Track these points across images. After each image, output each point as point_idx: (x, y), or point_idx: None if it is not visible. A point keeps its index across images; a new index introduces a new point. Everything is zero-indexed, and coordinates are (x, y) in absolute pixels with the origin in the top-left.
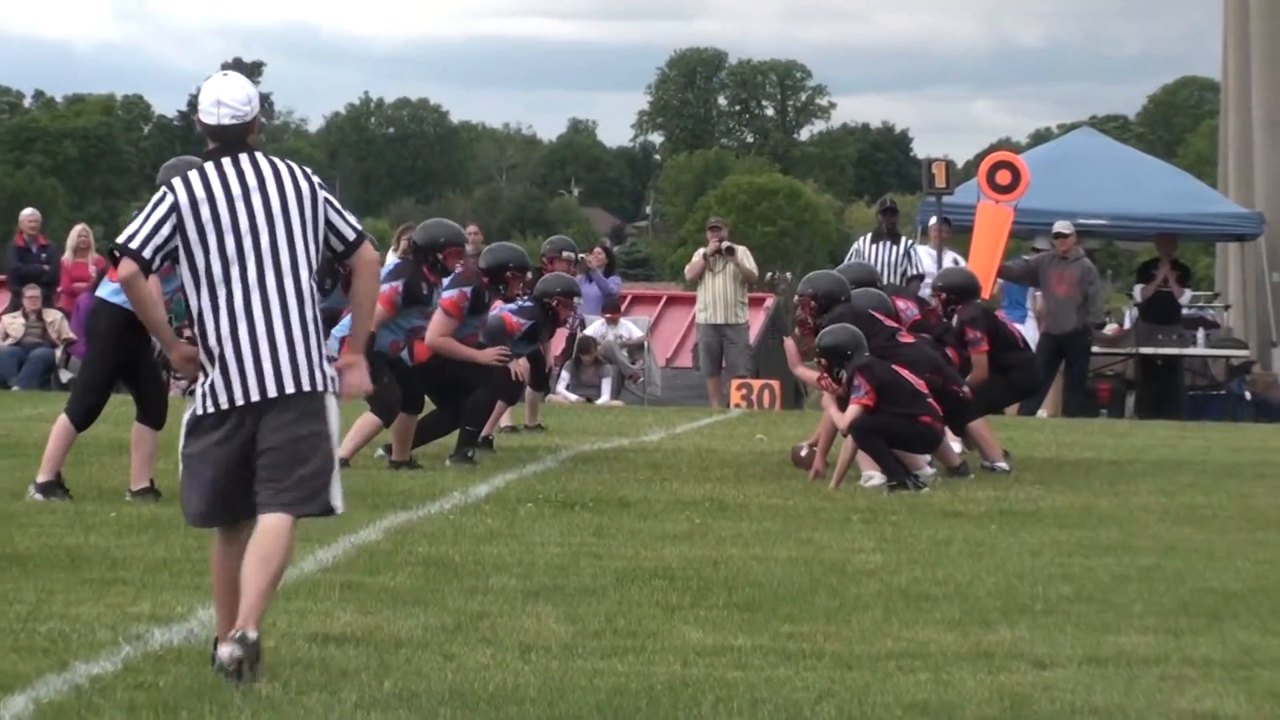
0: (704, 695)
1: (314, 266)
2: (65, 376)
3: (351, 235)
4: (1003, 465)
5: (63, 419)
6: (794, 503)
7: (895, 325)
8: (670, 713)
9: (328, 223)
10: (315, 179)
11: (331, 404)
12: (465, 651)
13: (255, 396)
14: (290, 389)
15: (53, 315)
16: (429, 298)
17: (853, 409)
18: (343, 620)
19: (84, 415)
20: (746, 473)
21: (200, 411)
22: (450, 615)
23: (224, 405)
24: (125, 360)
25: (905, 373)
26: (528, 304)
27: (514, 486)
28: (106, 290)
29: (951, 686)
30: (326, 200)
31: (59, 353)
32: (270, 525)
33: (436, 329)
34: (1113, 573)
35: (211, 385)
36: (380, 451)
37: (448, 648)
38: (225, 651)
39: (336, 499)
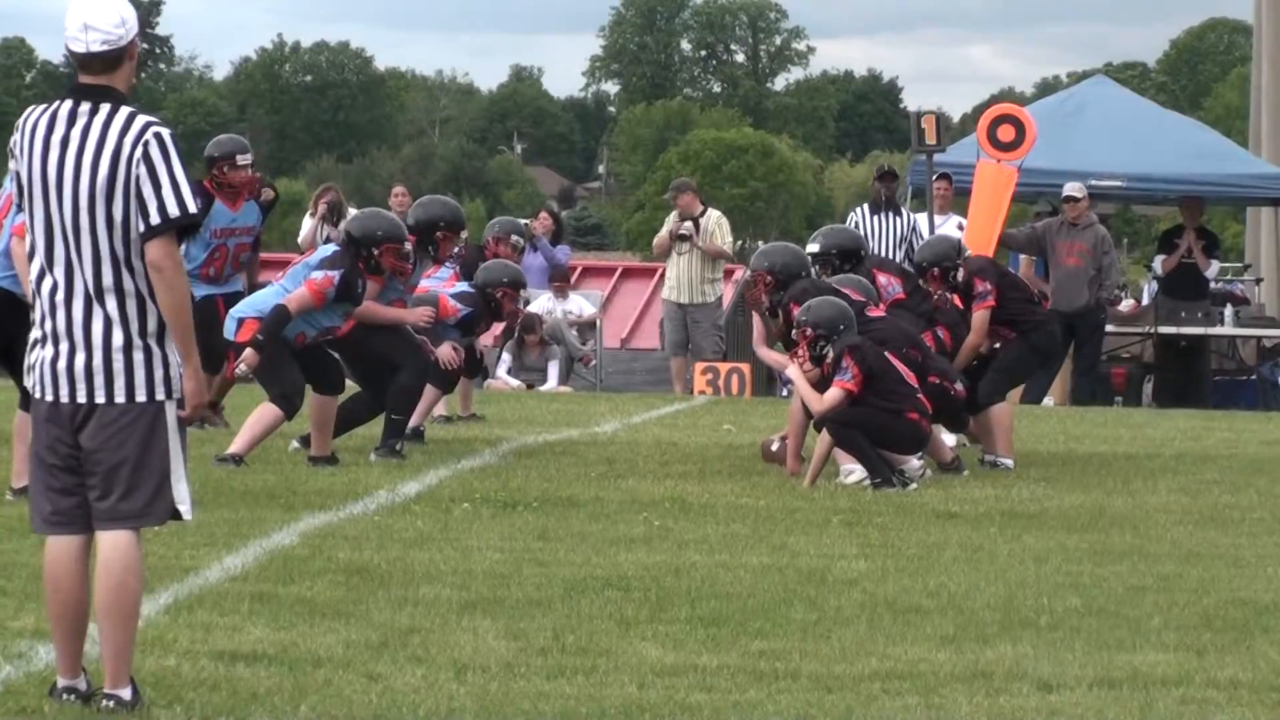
0: None
1: (120, 238)
2: None
3: (142, 226)
4: (1007, 461)
5: None
6: (766, 503)
7: (863, 300)
8: None
9: (137, 194)
10: (146, 138)
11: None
12: (392, 671)
13: (57, 393)
14: (80, 396)
15: None
16: (362, 296)
17: (834, 392)
18: (253, 636)
19: None
20: (712, 468)
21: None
22: (375, 630)
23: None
24: (3, 344)
25: (898, 363)
26: (468, 290)
27: (448, 484)
28: None
29: (944, 711)
30: (144, 170)
31: None
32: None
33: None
34: (1127, 583)
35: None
36: (295, 444)
37: (372, 667)
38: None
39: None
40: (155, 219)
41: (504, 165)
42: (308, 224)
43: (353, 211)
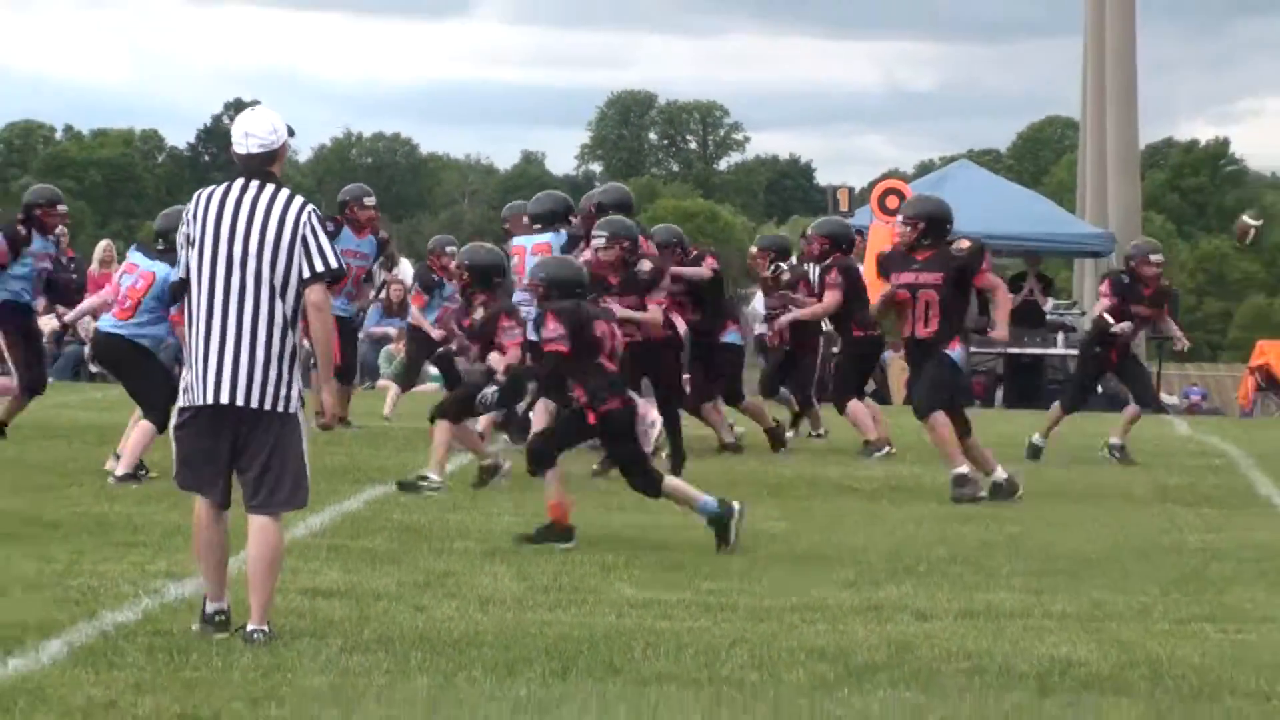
0: (635, 641)
1: (283, 287)
2: (94, 369)
3: (307, 273)
4: (886, 450)
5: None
6: (714, 479)
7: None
8: (607, 657)
9: (302, 250)
10: (303, 210)
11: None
12: (433, 604)
13: (220, 397)
14: (244, 400)
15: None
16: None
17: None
18: (329, 577)
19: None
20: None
21: (182, 403)
22: (420, 573)
23: (197, 400)
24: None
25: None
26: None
27: (474, 465)
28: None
29: (846, 635)
30: (306, 235)
31: (87, 350)
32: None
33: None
34: (983, 539)
35: (190, 388)
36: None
37: (418, 601)
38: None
39: None
40: (319, 268)
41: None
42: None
43: (403, 260)
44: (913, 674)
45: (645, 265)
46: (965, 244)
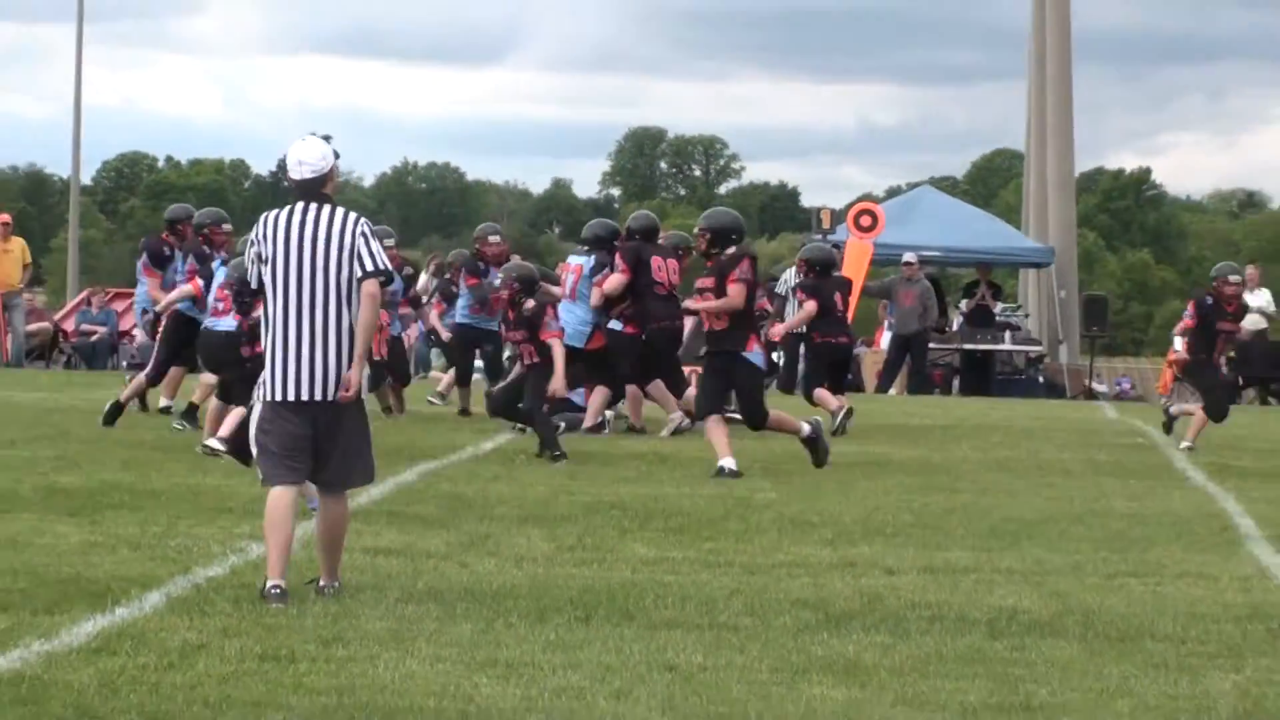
0: (647, 593)
1: (350, 292)
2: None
3: (360, 272)
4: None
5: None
6: (712, 455)
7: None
8: (623, 605)
9: (356, 254)
10: (358, 225)
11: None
12: (476, 561)
13: (305, 393)
14: (323, 394)
15: None
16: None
17: None
18: (387, 538)
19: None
20: (679, 434)
21: (268, 398)
22: (465, 535)
23: (282, 396)
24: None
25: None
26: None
27: (512, 444)
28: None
29: (825, 587)
30: (355, 244)
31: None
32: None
33: None
34: (942, 506)
35: (274, 383)
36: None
37: (463, 558)
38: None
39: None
40: (369, 268)
41: (547, 243)
42: (423, 278)
43: (422, 275)
44: (882, 620)
45: (529, 304)
46: (730, 250)
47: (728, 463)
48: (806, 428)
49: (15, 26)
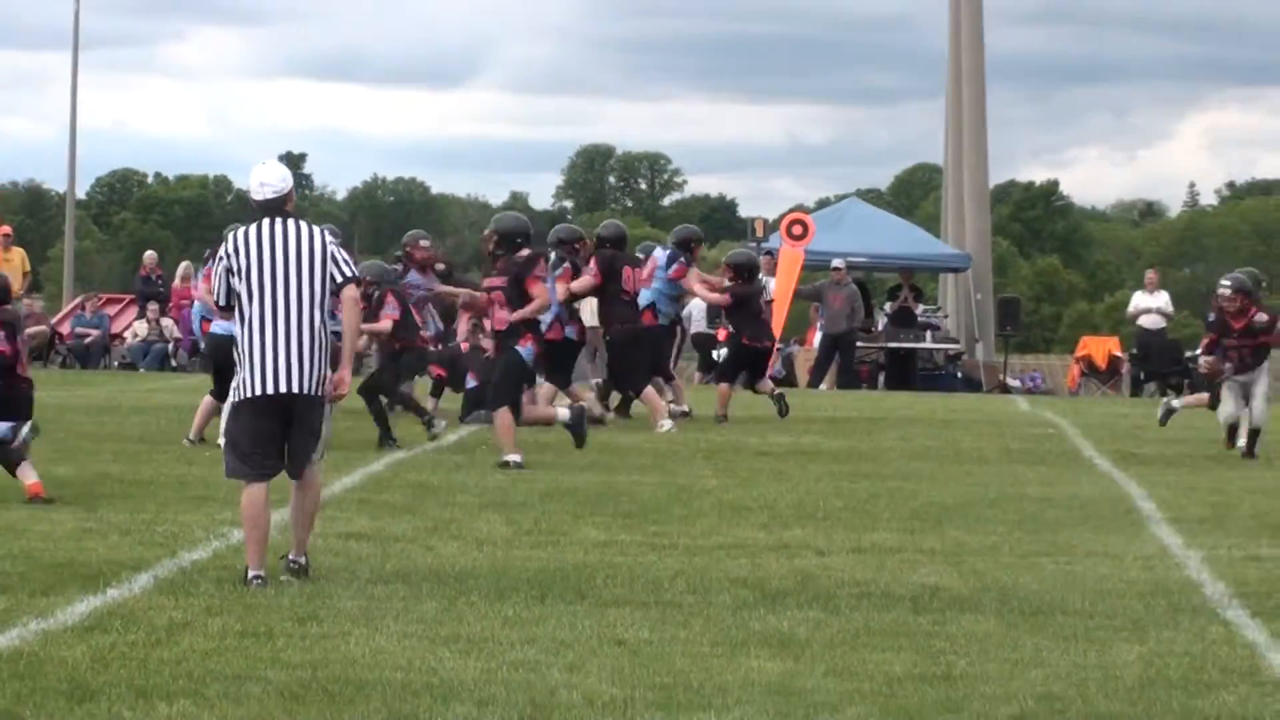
0: (598, 573)
1: (319, 296)
2: (174, 363)
3: (339, 278)
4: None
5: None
6: (658, 445)
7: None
8: (576, 585)
9: (332, 266)
10: (323, 235)
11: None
12: (440, 544)
13: (278, 388)
14: (296, 388)
15: (167, 322)
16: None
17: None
18: (358, 524)
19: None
20: (627, 426)
21: (237, 398)
22: (430, 520)
23: (255, 392)
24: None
25: None
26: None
27: (474, 436)
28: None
29: (762, 567)
30: (327, 252)
31: (170, 346)
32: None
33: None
34: (869, 492)
35: (247, 381)
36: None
37: (428, 542)
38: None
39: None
40: (347, 274)
41: None
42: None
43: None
44: (814, 597)
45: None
46: (525, 251)
47: (513, 457)
48: (564, 413)
49: (16, 54)
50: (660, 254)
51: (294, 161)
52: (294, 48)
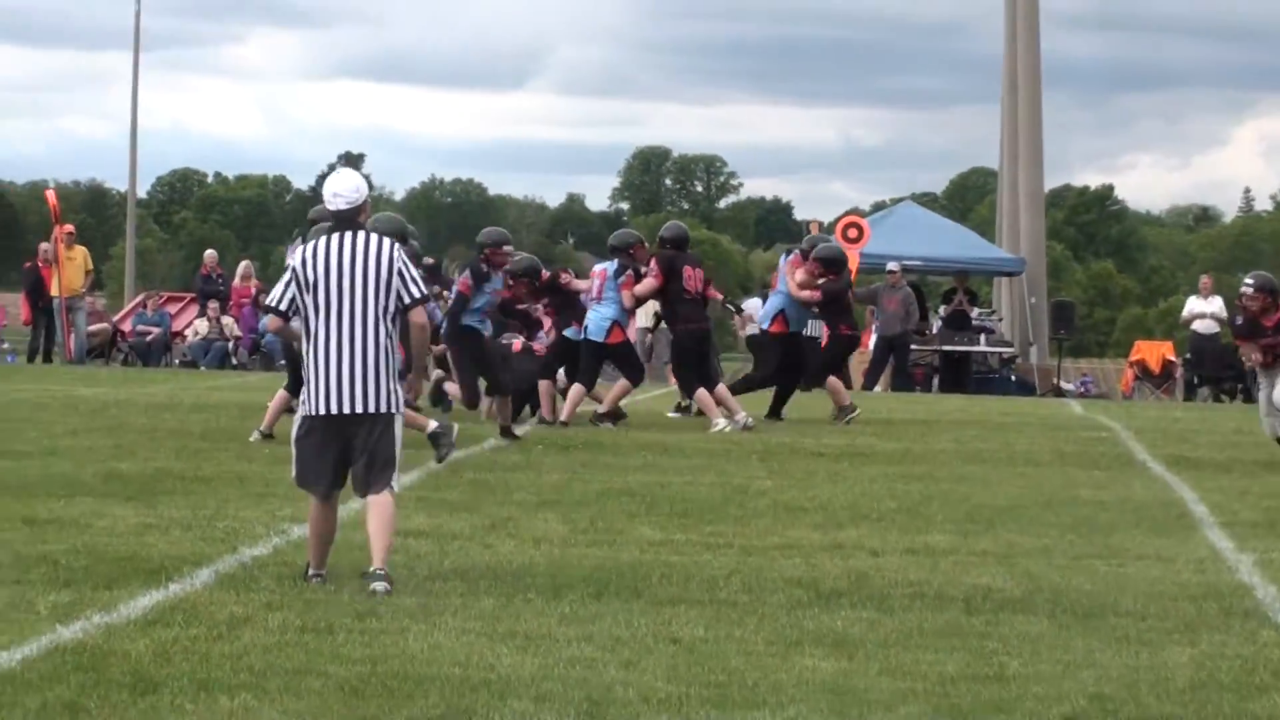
0: (653, 572)
1: (386, 313)
2: (234, 361)
3: (407, 299)
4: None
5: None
6: (712, 445)
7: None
8: (631, 583)
9: (399, 282)
10: (396, 251)
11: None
12: (498, 542)
13: (341, 407)
14: (362, 408)
15: (227, 320)
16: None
17: None
18: (417, 521)
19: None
20: (679, 425)
21: (305, 412)
22: (487, 518)
23: (320, 410)
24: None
25: None
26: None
27: (531, 435)
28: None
29: (817, 567)
30: (400, 270)
31: (230, 345)
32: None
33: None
34: (923, 493)
35: (312, 398)
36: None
37: (486, 540)
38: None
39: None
40: (416, 295)
41: (563, 251)
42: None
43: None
44: (868, 597)
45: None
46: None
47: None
48: (434, 425)
49: (78, 54)
50: (609, 266)
51: (352, 161)
52: (352, 49)
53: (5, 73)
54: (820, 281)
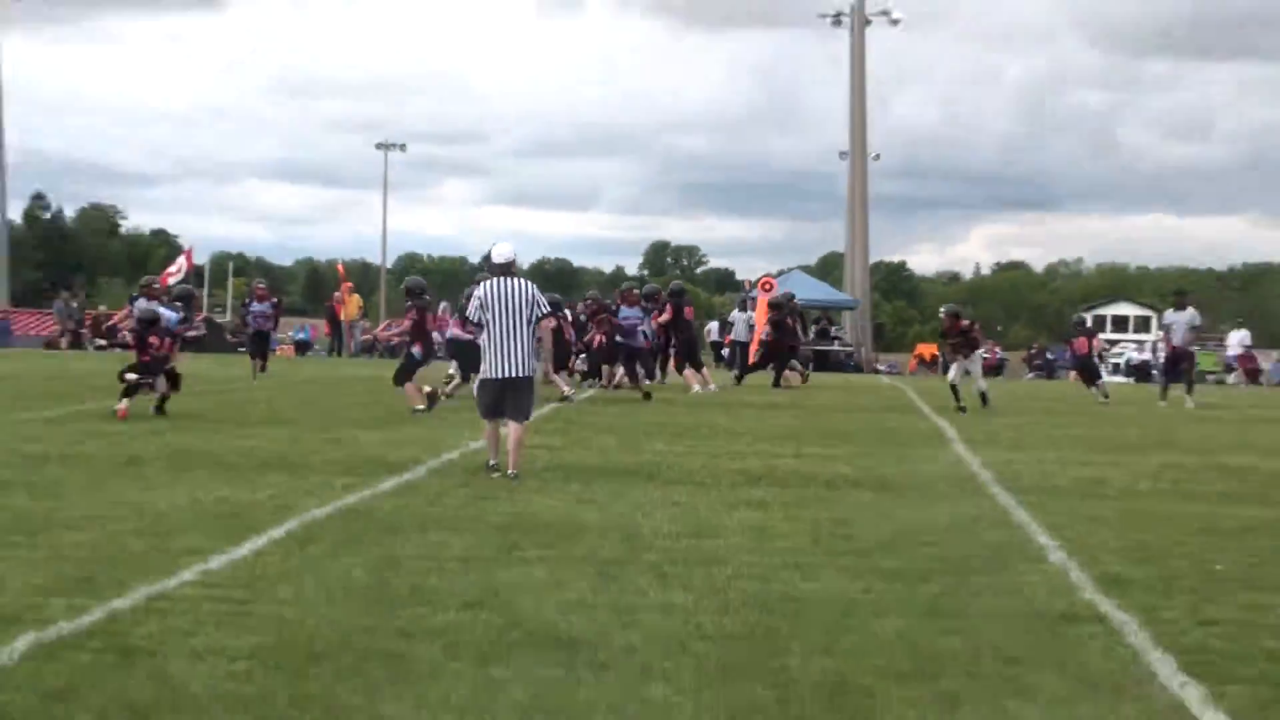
0: (661, 466)
1: (532, 322)
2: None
3: (540, 313)
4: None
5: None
6: (694, 401)
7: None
8: (649, 472)
9: (535, 305)
10: (533, 287)
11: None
12: (577, 451)
13: (506, 374)
14: (516, 375)
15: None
16: None
17: None
18: (534, 439)
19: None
20: (686, 404)
21: (484, 377)
22: (573, 439)
23: (494, 376)
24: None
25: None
26: None
27: (598, 396)
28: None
29: (747, 463)
30: (535, 297)
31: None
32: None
33: None
34: (804, 424)
35: (488, 366)
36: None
37: (571, 450)
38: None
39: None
40: (544, 310)
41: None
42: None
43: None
44: (774, 480)
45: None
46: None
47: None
48: (566, 390)
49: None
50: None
51: (504, 241)
52: (502, 188)
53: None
54: (768, 317)
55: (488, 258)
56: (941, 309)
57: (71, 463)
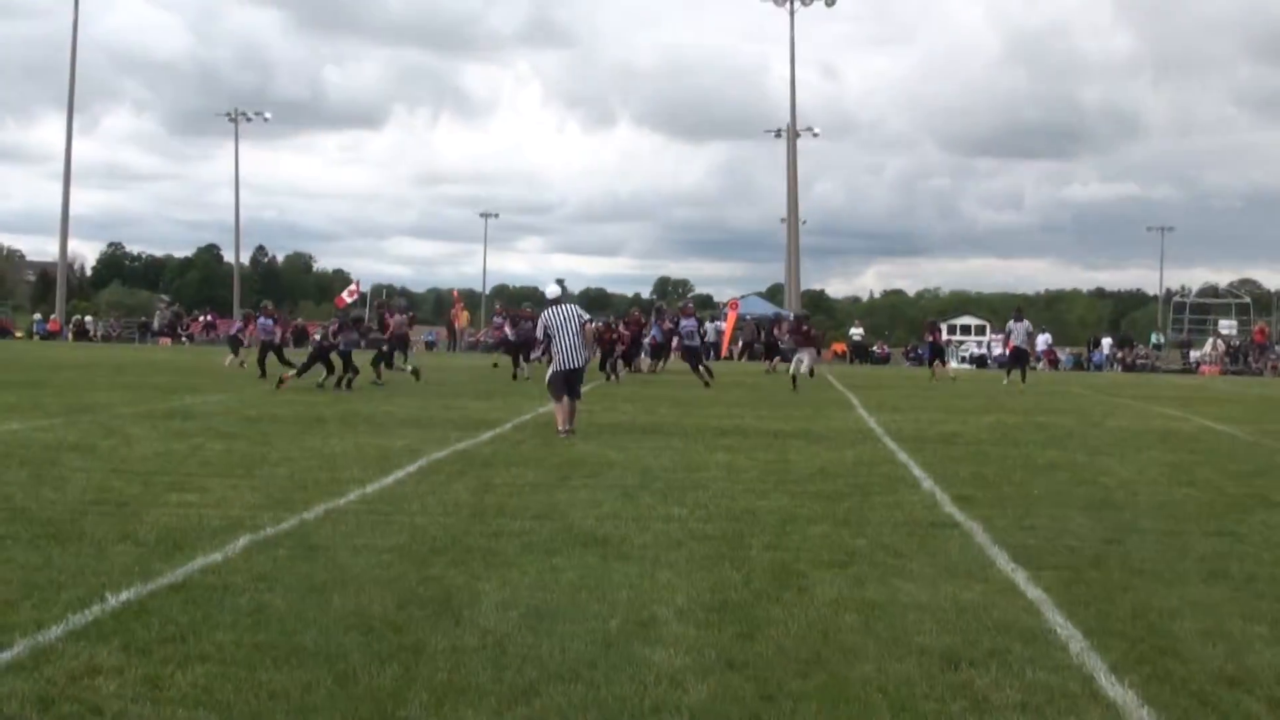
0: (667, 424)
1: (579, 331)
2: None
3: (585, 321)
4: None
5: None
6: (689, 382)
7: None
8: (658, 429)
9: (578, 318)
10: (576, 307)
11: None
12: (612, 414)
13: (568, 367)
14: (573, 367)
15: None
16: None
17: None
18: (585, 409)
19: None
20: (681, 378)
21: (554, 370)
22: (608, 406)
23: (561, 369)
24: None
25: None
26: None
27: (625, 379)
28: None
29: (721, 423)
30: (577, 313)
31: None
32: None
33: None
34: (760, 398)
35: (556, 364)
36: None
37: (608, 414)
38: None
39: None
40: (588, 318)
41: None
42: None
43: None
44: (738, 433)
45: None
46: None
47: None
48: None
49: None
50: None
51: (560, 282)
52: (553, 241)
53: None
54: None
55: (544, 295)
56: (792, 315)
57: (277, 421)
